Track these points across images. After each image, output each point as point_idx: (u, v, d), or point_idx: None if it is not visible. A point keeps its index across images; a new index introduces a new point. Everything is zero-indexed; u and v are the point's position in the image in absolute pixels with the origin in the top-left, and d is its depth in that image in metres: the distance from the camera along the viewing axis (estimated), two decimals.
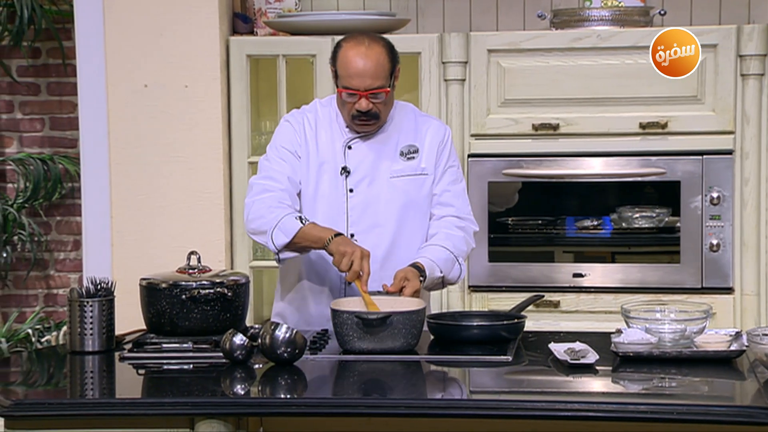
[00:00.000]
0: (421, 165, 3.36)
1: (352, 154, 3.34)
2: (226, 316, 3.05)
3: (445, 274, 3.32)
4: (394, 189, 3.33)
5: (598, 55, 4.28)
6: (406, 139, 3.37)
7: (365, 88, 3.21)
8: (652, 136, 4.28)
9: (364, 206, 3.32)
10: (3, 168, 5.49)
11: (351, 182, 3.33)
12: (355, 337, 2.95)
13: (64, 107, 5.50)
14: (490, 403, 2.62)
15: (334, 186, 3.33)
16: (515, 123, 4.33)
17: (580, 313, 4.32)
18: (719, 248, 4.25)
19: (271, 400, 2.67)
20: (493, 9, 4.70)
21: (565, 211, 4.44)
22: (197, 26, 4.35)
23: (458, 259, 3.35)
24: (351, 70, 3.22)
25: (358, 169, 3.33)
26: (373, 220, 3.32)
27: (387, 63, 3.24)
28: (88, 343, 3.02)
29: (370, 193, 3.33)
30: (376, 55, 3.22)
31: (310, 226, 3.18)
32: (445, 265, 3.31)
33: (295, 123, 3.38)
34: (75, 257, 5.51)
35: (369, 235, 3.31)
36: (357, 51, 3.22)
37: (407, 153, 3.36)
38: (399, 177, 3.34)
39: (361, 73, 3.20)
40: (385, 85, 3.23)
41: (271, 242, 3.21)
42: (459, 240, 3.37)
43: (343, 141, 3.35)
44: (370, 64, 3.21)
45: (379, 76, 3.21)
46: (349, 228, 3.31)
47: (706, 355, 2.88)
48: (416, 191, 3.36)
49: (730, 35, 4.22)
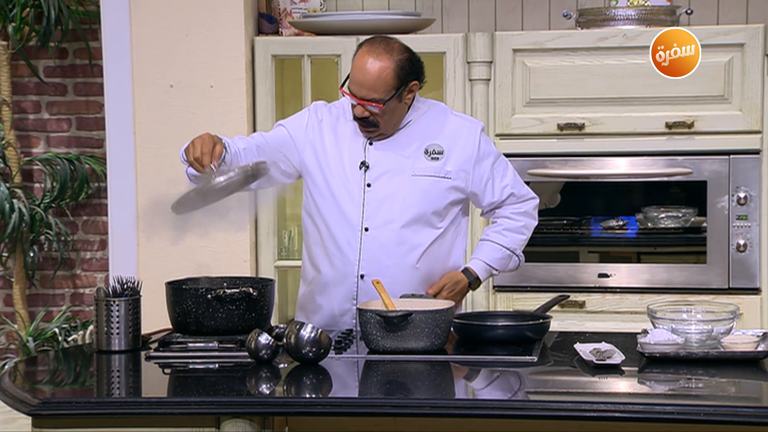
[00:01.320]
0: (445, 168, 3.35)
1: (373, 150, 3.34)
2: (251, 316, 3.06)
3: (502, 269, 3.46)
4: (414, 186, 3.33)
5: (623, 55, 4.26)
6: (432, 139, 3.36)
7: (360, 96, 3.22)
8: (678, 136, 4.26)
9: (380, 201, 3.32)
10: (30, 168, 5.53)
11: (369, 177, 3.33)
12: (378, 336, 2.95)
13: (91, 107, 5.52)
14: (516, 403, 2.61)
15: (352, 179, 3.33)
16: (540, 123, 4.32)
17: (605, 314, 4.31)
18: (746, 248, 4.23)
19: (296, 399, 2.67)
20: (518, 9, 4.69)
21: (590, 211, 4.42)
22: (223, 27, 4.36)
23: (515, 252, 3.46)
24: (354, 75, 3.24)
25: (378, 165, 3.33)
26: (389, 215, 3.32)
27: (391, 79, 3.21)
28: (114, 343, 3.04)
29: (388, 188, 3.32)
30: (380, 69, 3.20)
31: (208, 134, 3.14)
32: (500, 263, 3.44)
33: (315, 113, 3.41)
34: (101, 257, 5.53)
35: (383, 230, 3.31)
36: (364, 60, 3.22)
37: (432, 153, 3.35)
38: (421, 176, 3.34)
39: (360, 82, 3.21)
40: (380, 100, 3.20)
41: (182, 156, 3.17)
42: (516, 231, 3.45)
43: (365, 137, 3.35)
44: (369, 77, 3.20)
45: (377, 90, 3.20)
46: (364, 222, 3.31)
47: (734, 355, 2.87)
48: (437, 192, 3.35)
49: (758, 34, 4.19)
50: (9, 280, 5.51)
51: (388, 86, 3.21)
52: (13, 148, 5.41)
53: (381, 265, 3.29)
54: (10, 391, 2.72)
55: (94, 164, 5.41)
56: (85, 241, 5.56)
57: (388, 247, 3.29)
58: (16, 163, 5.42)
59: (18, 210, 5.29)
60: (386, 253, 3.30)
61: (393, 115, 3.29)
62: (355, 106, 3.25)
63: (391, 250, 3.31)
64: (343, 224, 3.31)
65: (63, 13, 5.23)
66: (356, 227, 3.30)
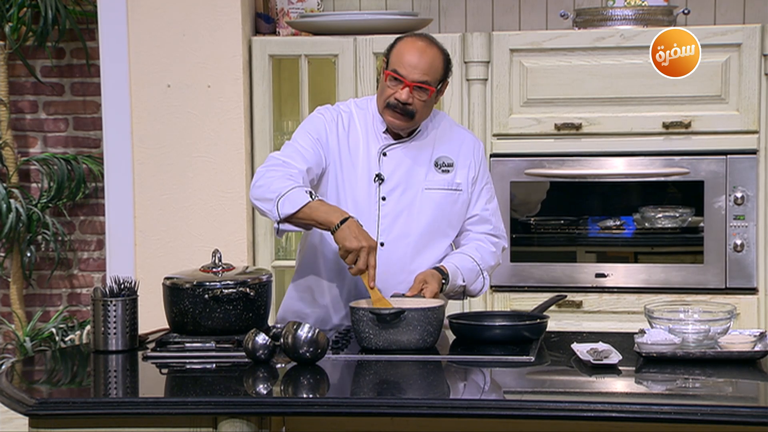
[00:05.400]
0: (456, 180, 3.34)
1: (387, 161, 3.30)
2: (248, 316, 3.06)
3: (468, 284, 3.31)
4: (427, 201, 3.30)
5: (621, 55, 4.27)
6: (441, 150, 3.34)
7: (412, 79, 3.19)
8: (675, 136, 4.27)
9: (395, 215, 3.29)
10: (27, 168, 5.53)
11: (384, 190, 3.29)
12: (371, 333, 2.95)
13: (88, 107, 5.53)
14: (513, 403, 2.61)
15: (366, 193, 3.29)
16: (538, 123, 4.33)
17: (602, 314, 4.31)
18: (743, 248, 4.23)
19: (293, 399, 2.67)
20: (515, 8, 4.69)
21: (587, 211, 4.42)
22: (220, 27, 4.36)
23: (483, 272, 3.34)
24: (404, 59, 3.20)
25: (392, 177, 3.29)
26: (404, 229, 3.29)
27: (440, 68, 3.23)
28: (111, 343, 3.03)
29: (402, 202, 3.29)
30: (433, 55, 3.22)
31: (319, 202, 3.09)
32: (468, 275, 3.30)
33: (328, 117, 3.32)
34: (98, 257, 5.53)
35: (398, 244, 3.28)
36: (416, 45, 3.22)
37: (442, 165, 3.33)
38: (433, 189, 3.31)
39: (414, 65, 3.19)
40: (431, 84, 3.21)
41: (276, 210, 3.09)
42: (488, 254, 3.36)
43: (378, 147, 3.30)
44: (425, 60, 3.20)
45: (429, 74, 3.20)
46: (380, 236, 3.28)
47: (731, 355, 2.87)
48: (449, 206, 3.33)
49: (755, 34, 4.19)
50: (6, 280, 5.51)
51: (438, 74, 3.23)
52: (10, 148, 5.41)
53: (396, 279, 3.25)
54: (7, 391, 2.72)
55: (92, 164, 5.41)
56: (82, 241, 5.56)
57: (403, 262, 3.26)
58: (14, 163, 5.42)
59: (15, 210, 5.29)
60: (401, 267, 3.27)
61: (427, 108, 3.27)
62: (396, 91, 3.19)
63: (406, 265, 3.28)
64: None
65: (60, 13, 5.23)
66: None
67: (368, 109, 3.34)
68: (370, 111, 3.33)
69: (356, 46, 4.38)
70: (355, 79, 4.38)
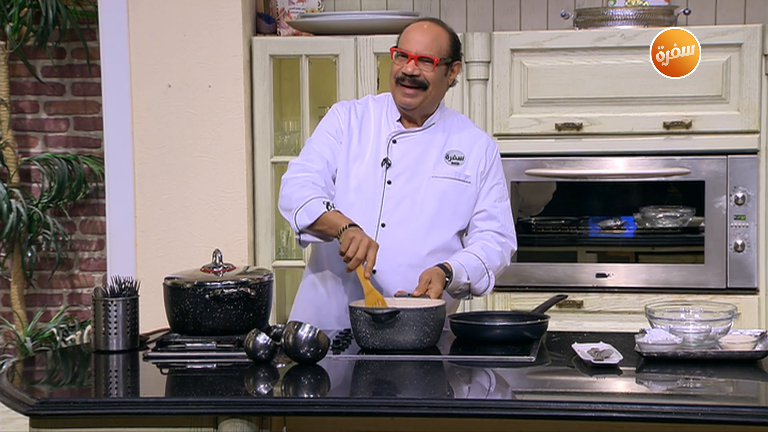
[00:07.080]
0: (465, 172, 3.36)
1: (396, 148, 3.35)
2: (249, 316, 3.06)
3: (472, 283, 3.30)
4: (433, 188, 3.33)
5: (621, 55, 4.27)
6: (453, 144, 3.37)
7: (416, 51, 3.27)
8: (676, 136, 4.27)
9: (399, 199, 3.32)
10: (28, 168, 5.53)
11: (390, 174, 3.34)
12: (368, 333, 2.96)
13: (89, 107, 5.53)
14: (513, 403, 2.61)
15: (372, 176, 3.33)
16: (538, 123, 4.33)
17: (603, 314, 4.31)
18: (744, 248, 4.23)
19: (294, 399, 2.67)
20: (516, 8, 4.69)
21: (588, 211, 4.42)
22: (221, 26, 4.37)
23: (489, 271, 3.33)
24: (409, 35, 3.32)
25: (400, 163, 3.34)
26: (407, 214, 3.32)
27: (445, 45, 3.31)
28: (112, 343, 3.04)
29: (408, 187, 3.33)
30: (438, 32, 3.32)
31: (333, 212, 3.19)
32: (473, 273, 3.29)
33: (341, 110, 3.42)
34: (99, 257, 5.53)
35: (400, 228, 3.31)
36: (421, 24, 3.35)
37: (452, 158, 3.36)
38: (440, 178, 3.34)
39: (418, 40, 3.29)
40: (435, 56, 3.28)
41: (294, 222, 3.24)
42: (494, 253, 3.35)
43: (389, 134, 3.36)
44: (428, 35, 3.30)
45: (432, 48, 3.28)
46: (381, 218, 3.31)
47: (731, 355, 2.87)
48: (455, 196, 3.35)
49: (755, 34, 4.19)
50: (7, 280, 5.51)
51: (443, 49, 3.30)
52: (10, 148, 5.41)
53: (394, 261, 3.27)
54: (8, 391, 2.72)
55: (92, 164, 5.41)
56: (83, 241, 5.56)
57: (403, 246, 3.28)
58: (14, 163, 5.42)
59: (16, 210, 5.29)
60: (401, 250, 3.29)
61: (438, 87, 3.32)
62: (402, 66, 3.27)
63: (406, 248, 3.30)
64: (360, 218, 3.26)
65: (61, 13, 5.23)
66: (373, 222, 3.29)
67: (384, 101, 3.43)
68: (386, 103, 3.42)
69: (357, 46, 4.39)
70: (355, 79, 4.39)
